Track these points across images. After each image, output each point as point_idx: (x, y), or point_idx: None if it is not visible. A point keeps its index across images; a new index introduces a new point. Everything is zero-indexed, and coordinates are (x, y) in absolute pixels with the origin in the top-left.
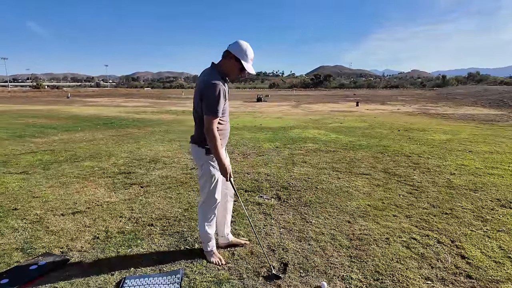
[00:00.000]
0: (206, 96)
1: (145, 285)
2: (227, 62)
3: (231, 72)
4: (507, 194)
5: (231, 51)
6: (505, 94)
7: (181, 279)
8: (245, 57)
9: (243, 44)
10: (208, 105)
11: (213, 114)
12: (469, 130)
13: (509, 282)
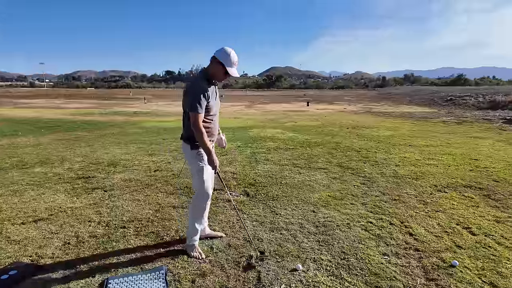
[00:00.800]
0: (188, 95)
1: (130, 283)
2: (213, 67)
3: (217, 75)
4: (441, 181)
5: (216, 57)
6: (435, 94)
7: (165, 274)
8: (228, 62)
9: (227, 50)
10: (190, 103)
11: (194, 111)
12: (408, 126)
13: (447, 251)
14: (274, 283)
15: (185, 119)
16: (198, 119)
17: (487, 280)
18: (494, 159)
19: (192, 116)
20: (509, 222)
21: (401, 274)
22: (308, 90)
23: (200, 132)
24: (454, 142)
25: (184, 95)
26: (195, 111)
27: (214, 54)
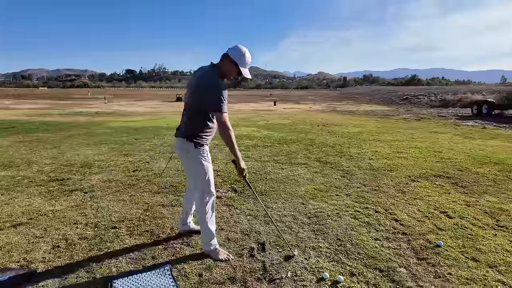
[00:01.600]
0: (210, 93)
1: (137, 282)
2: (225, 65)
3: (228, 74)
4: (413, 172)
5: (230, 55)
6: (392, 93)
7: (171, 270)
8: (242, 62)
9: (242, 49)
10: (218, 103)
11: (223, 111)
12: (373, 123)
13: (431, 234)
14: (280, 271)
15: (191, 115)
16: (226, 119)
17: (469, 256)
18: (455, 151)
19: (221, 117)
20: (477, 206)
21: (395, 256)
22: (274, 90)
23: (231, 132)
24: (417, 137)
25: (197, 92)
26: (224, 111)
27: (228, 52)
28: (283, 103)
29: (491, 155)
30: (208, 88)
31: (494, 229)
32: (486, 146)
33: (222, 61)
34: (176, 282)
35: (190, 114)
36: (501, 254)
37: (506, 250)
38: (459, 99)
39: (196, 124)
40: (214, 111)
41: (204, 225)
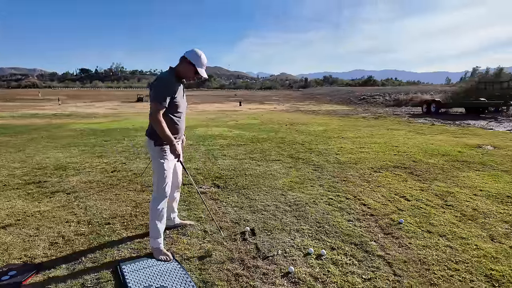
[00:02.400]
0: (154, 87)
1: (144, 267)
2: (183, 66)
3: (186, 74)
4: (375, 164)
5: (187, 57)
6: (351, 94)
7: (173, 255)
8: (199, 63)
9: (198, 52)
10: (154, 94)
11: (155, 101)
12: (336, 122)
13: (393, 214)
14: (272, 250)
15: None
16: (157, 110)
17: (424, 229)
18: (409, 145)
19: (152, 106)
20: (429, 190)
21: (366, 233)
22: (238, 90)
23: (158, 122)
24: (376, 134)
25: (150, 90)
26: (155, 102)
27: (185, 55)
28: (248, 104)
29: (439, 148)
30: (153, 83)
31: (443, 208)
32: (435, 141)
33: (180, 63)
34: (181, 265)
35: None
36: (448, 227)
37: (452, 223)
38: (411, 98)
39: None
40: (150, 101)
41: (153, 224)
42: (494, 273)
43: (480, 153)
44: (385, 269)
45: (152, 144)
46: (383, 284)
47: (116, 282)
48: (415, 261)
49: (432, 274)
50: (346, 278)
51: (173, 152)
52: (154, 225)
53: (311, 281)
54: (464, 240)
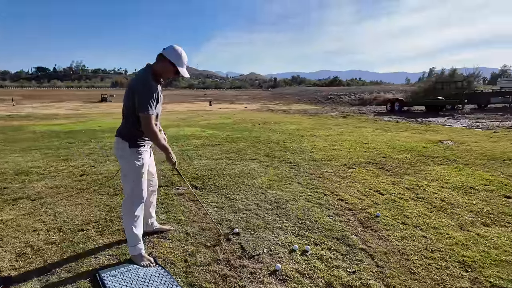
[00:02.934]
0: (138, 93)
1: (125, 273)
2: (162, 65)
3: (165, 74)
4: (348, 160)
5: (166, 55)
6: (318, 93)
7: (156, 260)
8: (180, 62)
9: (178, 49)
10: (143, 104)
11: (146, 112)
12: (307, 121)
13: (370, 208)
14: (258, 249)
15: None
16: (151, 121)
17: (400, 221)
18: (377, 142)
19: (144, 118)
20: (400, 184)
21: (346, 227)
22: (208, 90)
23: (154, 134)
24: (346, 132)
25: (131, 93)
26: (147, 113)
27: (163, 53)
28: (218, 103)
29: (405, 144)
30: (137, 88)
31: (415, 200)
32: (401, 137)
33: (157, 62)
34: (166, 269)
35: (126, 114)
36: (421, 218)
37: (424, 214)
38: (375, 97)
39: (131, 124)
40: (139, 112)
41: (129, 230)
42: (466, 259)
43: (442, 148)
44: (368, 261)
45: (127, 146)
46: (367, 276)
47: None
48: (394, 252)
49: (412, 264)
50: (332, 272)
51: (170, 160)
52: (131, 232)
53: (298, 277)
54: (437, 230)
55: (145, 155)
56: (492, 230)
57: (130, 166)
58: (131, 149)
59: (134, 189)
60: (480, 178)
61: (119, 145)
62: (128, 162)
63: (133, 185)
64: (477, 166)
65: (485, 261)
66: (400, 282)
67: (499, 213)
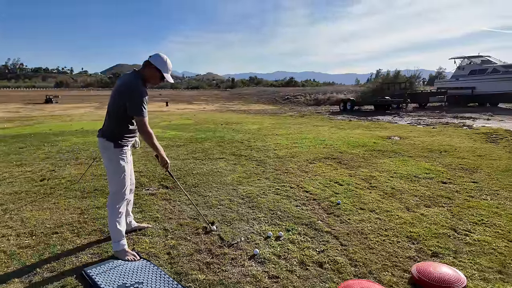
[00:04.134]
0: (134, 99)
1: (113, 267)
2: (149, 71)
3: (151, 80)
4: (309, 156)
5: (152, 62)
6: (276, 94)
7: (139, 254)
8: (165, 68)
9: (163, 56)
10: (138, 108)
11: (142, 115)
12: (268, 120)
13: (332, 197)
14: (235, 238)
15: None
16: (146, 123)
17: (358, 207)
18: (334, 139)
19: (140, 121)
20: (356, 175)
21: (312, 214)
22: (163, 90)
23: (151, 135)
24: (305, 130)
25: (120, 96)
26: (143, 116)
27: (150, 60)
28: (176, 104)
29: (358, 140)
30: (129, 92)
31: (369, 189)
32: (354, 134)
33: (144, 68)
34: (150, 261)
35: (111, 115)
36: (375, 203)
37: (378, 200)
38: (328, 98)
39: (116, 125)
40: (134, 115)
41: (113, 226)
42: (413, 234)
43: (390, 143)
44: (333, 241)
45: (112, 147)
46: (334, 253)
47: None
48: (355, 233)
49: (370, 241)
50: (304, 252)
51: (163, 161)
52: (115, 228)
53: (275, 259)
54: (389, 212)
55: (129, 154)
56: (432, 210)
57: (115, 165)
58: (115, 149)
59: (119, 187)
60: (422, 168)
61: (104, 145)
62: (114, 161)
63: (118, 184)
64: (419, 157)
65: (427, 235)
66: (361, 256)
67: (438, 196)
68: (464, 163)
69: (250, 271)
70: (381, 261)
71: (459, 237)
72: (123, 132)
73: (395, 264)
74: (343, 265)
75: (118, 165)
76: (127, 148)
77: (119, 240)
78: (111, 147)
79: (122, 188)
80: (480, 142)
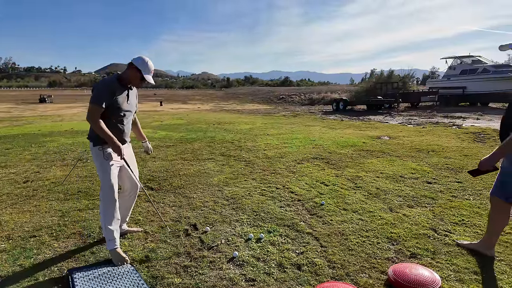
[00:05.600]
0: (94, 89)
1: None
2: (130, 72)
3: (133, 80)
4: (298, 157)
5: (134, 63)
6: (270, 93)
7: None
8: (146, 69)
9: (145, 58)
10: (93, 96)
11: (92, 102)
12: (260, 120)
13: (316, 198)
14: (216, 241)
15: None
16: (94, 110)
17: (341, 208)
18: (324, 139)
19: (89, 107)
20: (343, 176)
21: (295, 215)
22: (158, 89)
23: (94, 122)
24: (296, 130)
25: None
26: (92, 103)
27: (132, 61)
28: (170, 103)
29: (348, 140)
30: (94, 85)
31: (354, 189)
32: (344, 134)
33: (127, 69)
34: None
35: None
36: (359, 204)
37: (362, 200)
38: (322, 97)
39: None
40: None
41: (103, 225)
42: (393, 235)
43: (379, 143)
44: (313, 243)
45: (91, 145)
46: (313, 255)
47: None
48: (336, 234)
49: (349, 242)
50: (283, 254)
51: (116, 149)
52: (105, 227)
53: (254, 261)
54: (371, 213)
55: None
56: (415, 211)
57: (98, 164)
58: (95, 147)
59: (103, 185)
60: (409, 167)
61: (90, 146)
62: (96, 161)
63: (102, 182)
64: (407, 157)
65: (407, 235)
66: (340, 257)
67: (421, 196)
68: (450, 162)
69: (228, 274)
70: (359, 263)
71: (438, 237)
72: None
73: (373, 265)
74: (321, 267)
75: (100, 164)
76: (107, 146)
77: (110, 239)
78: (91, 147)
79: (105, 186)
80: (467, 141)
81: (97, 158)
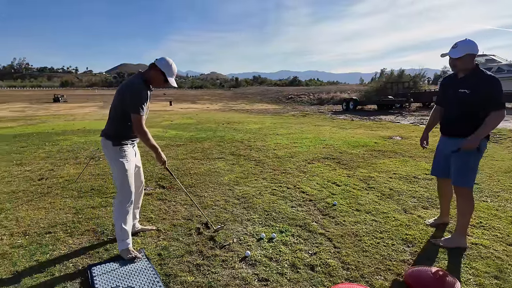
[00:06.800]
0: (129, 96)
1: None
2: (154, 73)
3: (156, 82)
4: (308, 156)
5: (157, 65)
6: (279, 93)
7: (145, 254)
8: (170, 72)
9: (169, 60)
10: (134, 106)
11: (138, 113)
12: (269, 120)
13: (328, 198)
14: (228, 239)
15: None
16: (141, 121)
17: (354, 208)
18: (334, 139)
19: (135, 118)
20: (354, 176)
21: (307, 216)
22: (167, 89)
23: (145, 133)
24: (306, 130)
25: (120, 95)
26: (138, 113)
27: (156, 63)
28: (179, 103)
29: (359, 140)
30: (128, 90)
31: (366, 190)
32: (355, 134)
33: (150, 70)
34: (151, 262)
35: (112, 114)
36: (372, 205)
37: (375, 201)
38: (332, 97)
39: (116, 123)
40: (131, 112)
41: (118, 225)
42: (408, 237)
43: (391, 143)
44: (326, 243)
45: (110, 145)
46: (327, 256)
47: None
48: (349, 235)
49: (364, 243)
50: (296, 255)
51: (159, 159)
52: (120, 227)
53: (266, 261)
54: (385, 214)
55: (129, 153)
56: (430, 212)
57: (116, 164)
58: (114, 147)
59: (122, 186)
60: (422, 168)
61: (104, 144)
62: (114, 160)
63: (121, 182)
64: (420, 158)
65: (423, 237)
66: (354, 259)
67: (436, 197)
68: None
69: (240, 274)
70: (374, 265)
71: None
72: (121, 130)
73: (388, 268)
74: (334, 268)
75: (118, 163)
76: (127, 147)
77: (124, 239)
78: (110, 145)
79: (125, 187)
80: None
81: (117, 158)
